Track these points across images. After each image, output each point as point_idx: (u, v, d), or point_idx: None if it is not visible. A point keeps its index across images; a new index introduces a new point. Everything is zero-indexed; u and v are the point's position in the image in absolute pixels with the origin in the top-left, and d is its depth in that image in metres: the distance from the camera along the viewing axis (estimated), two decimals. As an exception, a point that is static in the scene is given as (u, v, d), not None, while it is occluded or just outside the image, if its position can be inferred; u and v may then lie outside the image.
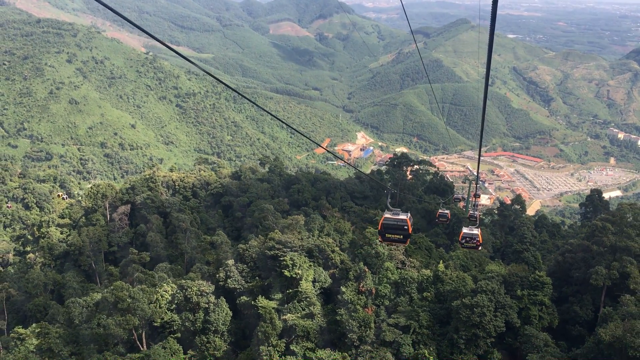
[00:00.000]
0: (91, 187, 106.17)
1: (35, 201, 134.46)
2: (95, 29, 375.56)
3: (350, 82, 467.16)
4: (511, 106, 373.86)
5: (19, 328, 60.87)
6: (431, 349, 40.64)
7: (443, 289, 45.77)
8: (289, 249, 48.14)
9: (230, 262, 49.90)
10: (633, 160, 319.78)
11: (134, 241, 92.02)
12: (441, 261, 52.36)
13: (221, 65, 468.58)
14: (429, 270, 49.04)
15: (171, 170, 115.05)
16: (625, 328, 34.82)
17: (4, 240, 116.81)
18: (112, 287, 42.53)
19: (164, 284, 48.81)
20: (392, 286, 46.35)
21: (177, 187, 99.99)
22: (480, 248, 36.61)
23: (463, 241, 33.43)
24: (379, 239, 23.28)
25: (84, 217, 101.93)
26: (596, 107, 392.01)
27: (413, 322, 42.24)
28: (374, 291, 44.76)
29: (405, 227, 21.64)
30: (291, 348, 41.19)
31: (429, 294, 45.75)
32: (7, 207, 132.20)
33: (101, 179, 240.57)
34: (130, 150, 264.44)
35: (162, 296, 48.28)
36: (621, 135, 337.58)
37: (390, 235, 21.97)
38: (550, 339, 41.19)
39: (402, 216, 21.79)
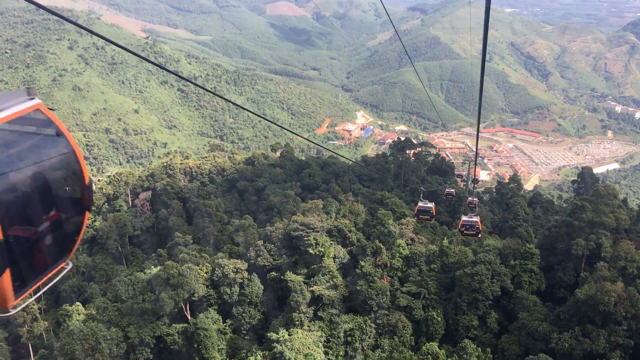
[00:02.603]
0: (114, 175, 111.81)
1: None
2: (95, 15, 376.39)
3: (348, 61, 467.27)
4: (509, 82, 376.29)
5: (67, 306, 68.15)
6: (438, 311, 48.40)
7: (447, 261, 53.26)
8: (311, 230, 54.97)
9: (260, 242, 56.82)
10: (630, 133, 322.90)
11: (156, 225, 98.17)
12: (445, 237, 59.69)
13: (220, 48, 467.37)
14: (434, 246, 56.40)
15: (186, 157, 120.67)
16: (597, 289, 42.27)
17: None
18: (163, 266, 49.38)
19: (201, 263, 55.80)
20: (403, 260, 53.73)
21: (194, 173, 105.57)
22: (479, 235, 37.58)
23: (463, 229, 34.20)
24: (415, 219, 40.87)
25: (106, 204, 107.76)
26: (594, 81, 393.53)
27: (423, 290, 49.75)
28: (388, 264, 52.01)
29: (431, 211, 36.65)
30: (319, 314, 48.40)
31: (435, 265, 53.21)
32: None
33: (107, 164, 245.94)
34: (135, 135, 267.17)
35: (198, 273, 55.27)
36: (619, 108, 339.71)
37: (422, 217, 37.32)
38: (539, 301, 49.00)
39: (429, 204, 36.92)
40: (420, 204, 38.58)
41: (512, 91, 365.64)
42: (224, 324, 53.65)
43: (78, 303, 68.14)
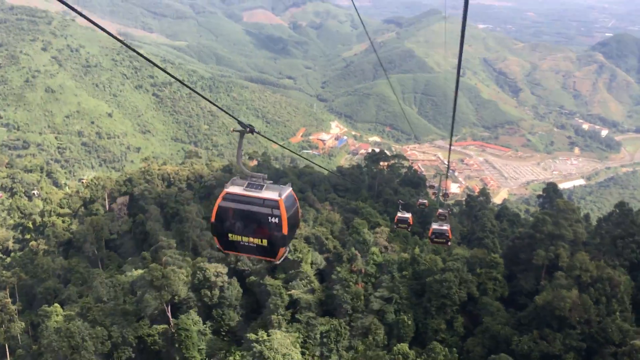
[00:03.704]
0: (91, 179, 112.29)
1: (23, 190, 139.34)
2: (70, 17, 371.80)
3: (324, 71, 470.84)
4: (481, 96, 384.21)
5: (45, 307, 69.01)
6: (409, 315, 51.72)
7: (418, 268, 56.72)
8: (290, 237, 57.60)
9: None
10: (596, 150, 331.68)
11: (133, 230, 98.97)
12: (417, 246, 63.15)
13: (195, 54, 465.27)
14: (406, 254, 59.74)
15: (164, 163, 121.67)
16: (554, 295, 46.14)
17: (1, 228, 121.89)
18: (148, 268, 51.29)
19: (184, 267, 57.83)
20: (377, 267, 56.89)
21: (172, 179, 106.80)
22: (449, 243, 37.67)
23: (433, 237, 34.64)
24: (395, 227, 43.41)
25: (82, 207, 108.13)
26: (563, 98, 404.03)
27: (395, 295, 52.92)
28: (363, 271, 55.03)
29: (409, 221, 41.66)
30: (296, 317, 50.96)
31: (407, 272, 56.54)
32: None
33: (79, 168, 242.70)
34: (108, 139, 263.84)
35: (180, 277, 57.27)
36: (586, 126, 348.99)
37: (401, 225, 41.98)
38: (502, 307, 52.81)
39: (407, 215, 41.65)
40: (399, 214, 41.39)
41: (483, 106, 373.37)
42: (204, 325, 55.74)
43: (56, 304, 68.99)
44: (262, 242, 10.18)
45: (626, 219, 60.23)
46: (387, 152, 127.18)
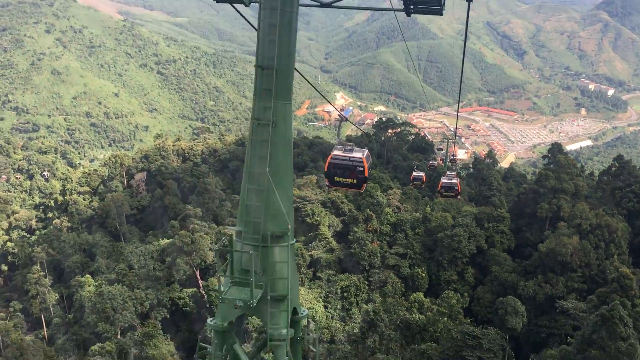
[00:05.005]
0: (109, 157, 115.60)
1: (40, 172, 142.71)
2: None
3: (326, 42, 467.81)
4: (485, 61, 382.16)
5: (79, 277, 73.30)
6: (423, 268, 55.75)
7: (430, 225, 60.60)
8: (307, 202, 61.22)
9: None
10: (603, 110, 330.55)
11: (152, 204, 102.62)
12: (427, 206, 66.91)
13: (197, 30, 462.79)
14: (418, 213, 63.41)
15: (178, 140, 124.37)
16: (556, 242, 49.83)
17: (25, 208, 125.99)
18: (178, 235, 55.17)
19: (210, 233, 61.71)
20: (391, 226, 60.72)
21: (186, 154, 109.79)
22: (459, 197, 39.41)
23: (442, 190, 35.49)
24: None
25: (102, 185, 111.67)
26: (568, 59, 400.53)
27: (409, 251, 56.92)
28: (378, 230, 58.85)
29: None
30: (317, 275, 54.98)
31: (419, 230, 60.42)
32: (16, 178, 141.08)
33: (89, 148, 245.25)
34: (116, 118, 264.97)
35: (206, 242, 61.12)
36: (592, 86, 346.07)
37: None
38: (509, 257, 56.59)
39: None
40: (414, 173, 43.32)
41: (488, 70, 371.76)
42: (232, 287, 59.84)
43: (88, 275, 73.32)
44: (353, 181, 16.29)
45: (624, 171, 63.95)
46: (396, 121, 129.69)
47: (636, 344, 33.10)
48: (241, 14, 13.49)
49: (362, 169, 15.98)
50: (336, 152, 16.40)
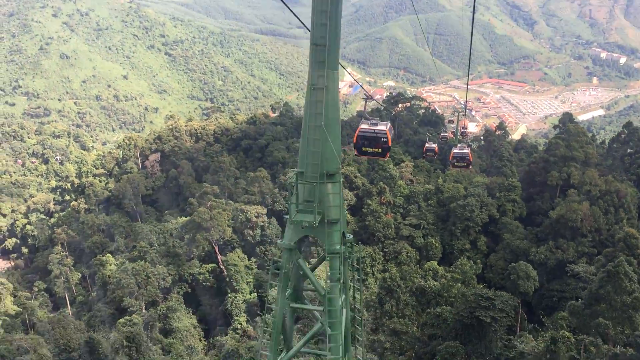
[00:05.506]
0: (123, 139, 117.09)
1: (54, 156, 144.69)
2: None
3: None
4: (495, 32, 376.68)
5: (100, 257, 75.31)
6: (436, 238, 56.93)
7: (442, 196, 61.71)
8: (321, 177, 62.44)
9: (276, 190, 64.27)
10: (615, 79, 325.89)
11: (167, 184, 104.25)
12: (439, 178, 67.86)
13: (203, 9, 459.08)
14: (430, 185, 64.37)
15: (190, 120, 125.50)
16: (567, 209, 50.76)
17: (42, 192, 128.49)
18: (197, 212, 56.77)
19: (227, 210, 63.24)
20: (404, 198, 61.78)
21: (199, 134, 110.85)
22: (471, 167, 39.13)
23: (454, 161, 35.54)
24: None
25: (116, 167, 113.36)
26: (579, 28, 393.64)
27: (422, 221, 58.08)
28: (391, 202, 60.00)
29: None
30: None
31: (432, 201, 61.53)
32: (32, 162, 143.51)
33: (100, 132, 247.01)
34: (125, 101, 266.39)
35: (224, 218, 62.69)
36: (603, 55, 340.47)
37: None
38: (521, 225, 57.60)
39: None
40: (427, 144, 44.32)
41: (498, 42, 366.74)
42: (250, 261, 61.62)
43: (109, 254, 75.36)
44: (379, 150, 19.09)
45: (633, 138, 64.38)
46: (406, 95, 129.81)
47: (641, 297, 34.56)
48: (287, 5, 17.78)
49: (385, 139, 18.57)
50: (363, 126, 18.85)
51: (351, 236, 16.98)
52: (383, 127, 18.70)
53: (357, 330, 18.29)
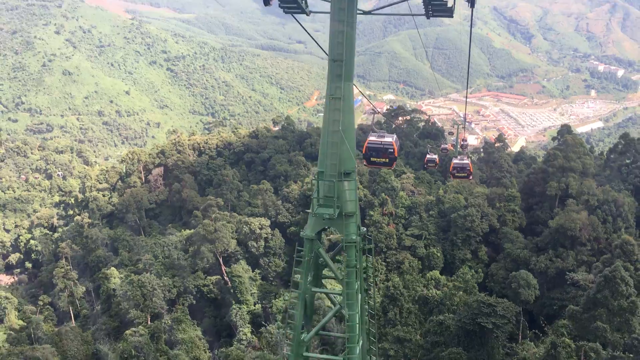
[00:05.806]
0: (127, 154, 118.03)
1: (57, 172, 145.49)
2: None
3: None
4: (493, 46, 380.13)
5: (105, 270, 75.90)
6: (438, 248, 57.66)
7: (443, 207, 62.70)
8: (323, 189, 63.39)
9: (279, 202, 65.17)
10: (613, 91, 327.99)
11: (170, 198, 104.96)
12: (440, 189, 68.86)
13: (204, 25, 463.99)
14: (432, 196, 65.34)
15: (193, 134, 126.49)
16: (566, 218, 51.75)
17: (46, 207, 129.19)
18: (202, 224, 57.59)
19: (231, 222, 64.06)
20: (406, 209, 62.70)
21: (202, 148, 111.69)
22: (471, 177, 39.41)
23: (455, 171, 36.10)
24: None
25: (120, 181, 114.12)
26: (576, 41, 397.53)
27: (424, 232, 58.96)
28: (393, 213, 60.89)
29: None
30: (336, 258, 57.09)
31: (433, 212, 62.54)
32: (34, 177, 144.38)
33: (103, 147, 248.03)
34: (127, 116, 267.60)
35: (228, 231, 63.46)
36: (601, 67, 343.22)
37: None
38: (521, 235, 58.49)
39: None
40: (428, 155, 46.32)
41: (496, 55, 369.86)
42: (254, 273, 62.31)
43: (112, 268, 75.96)
44: (386, 160, 20.61)
45: (630, 148, 65.70)
46: (405, 109, 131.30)
47: (637, 301, 35.70)
48: (301, 25, 19.29)
49: (392, 150, 20.27)
50: (371, 138, 20.53)
51: (364, 229, 19.37)
52: (390, 139, 20.23)
53: (370, 309, 21.31)
